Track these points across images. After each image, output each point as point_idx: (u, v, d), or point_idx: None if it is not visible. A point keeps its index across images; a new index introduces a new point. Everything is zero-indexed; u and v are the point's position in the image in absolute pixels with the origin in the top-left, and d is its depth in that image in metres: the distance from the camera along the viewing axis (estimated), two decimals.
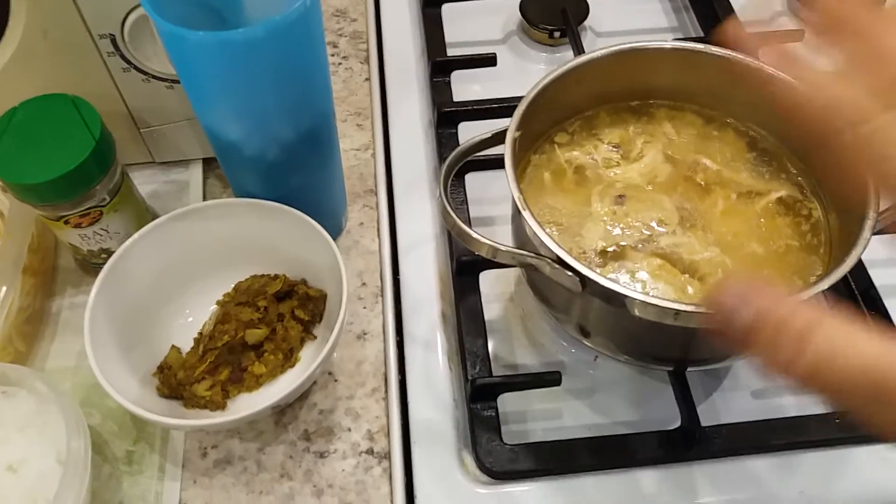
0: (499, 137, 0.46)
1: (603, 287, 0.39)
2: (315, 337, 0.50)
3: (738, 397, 0.50)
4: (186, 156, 0.57)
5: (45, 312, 0.51)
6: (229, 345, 0.47)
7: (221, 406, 0.47)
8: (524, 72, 0.69)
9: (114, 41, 0.47)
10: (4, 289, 0.45)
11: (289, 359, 0.49)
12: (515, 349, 0.52)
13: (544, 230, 0.41)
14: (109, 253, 0.50)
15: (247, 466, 0.46)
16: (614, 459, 0.46)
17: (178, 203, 0.56)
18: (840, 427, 0.46)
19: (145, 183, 0.55)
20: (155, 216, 0.54)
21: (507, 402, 0.48)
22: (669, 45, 0.49)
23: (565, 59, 0.68)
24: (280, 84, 0.42)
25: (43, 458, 0.40)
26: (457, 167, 0.47)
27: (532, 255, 0.42)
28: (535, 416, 0.49)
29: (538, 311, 0.54)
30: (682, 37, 0.70)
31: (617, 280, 0.42)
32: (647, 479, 0.46)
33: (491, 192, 0.58)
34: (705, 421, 0.46)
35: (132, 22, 0.47)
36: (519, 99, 0.60)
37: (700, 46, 0.49)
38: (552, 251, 0.40)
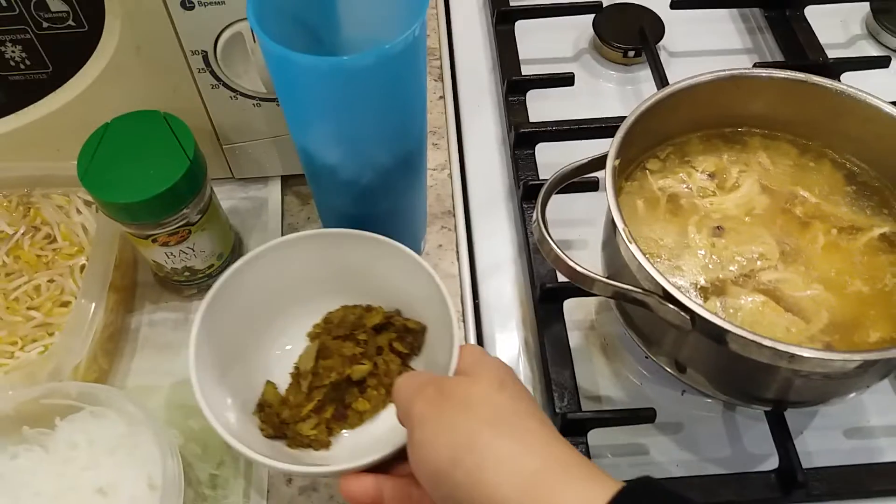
0: (597, 164, 0.45)
1: (714, 325, 0.38)
2: (413, 370, 0.48)
3: (831, 436, 0.48)
4: (266, 173, 0.57)
5: (125, 329, 0.50)
6: (335, 382, 0.46)
7: (326, 445, 0.45)
8: (597, 91, 0.68)
9: (205, 58, 0.47)
10: (93, 306, 0.44)
11: (390, 393, 0.46)
12: (598, 380, 0.51)
13: (653, 265, 0.40)
14: (192, 271, 0.49)
15: (333, 494, 0.45)
16: (712, 499, 0.44)
17: (258, 220, 0.55)
18: None
19: (224, 199, 0.54)
20: (236, 233, 0.53)
21: (593, 435, 0.47)
22: (772, 73, 0.48)
23: (639, 78, 0.68)
24: (382, 111, 0.41)
25: (134, 482, 0.40)
26: (554, 192, 0.46)
27: (637, 290, 0.40)
28: (622, 451, 0.48)
29: (621, 341, 0.53)
30: (758, 59, 0.69)
31: (718, 315, 0.41)
32: None
33: (568, 214, 0.57)
34: (802, 462, 0.44)
35: (226, 39, 0.46)
36: (597, 121, 0.60)
37: (802, 76, 0.48)
38: (660, 286, 0.39)
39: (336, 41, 0.46)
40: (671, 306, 0.39)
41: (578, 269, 0.42)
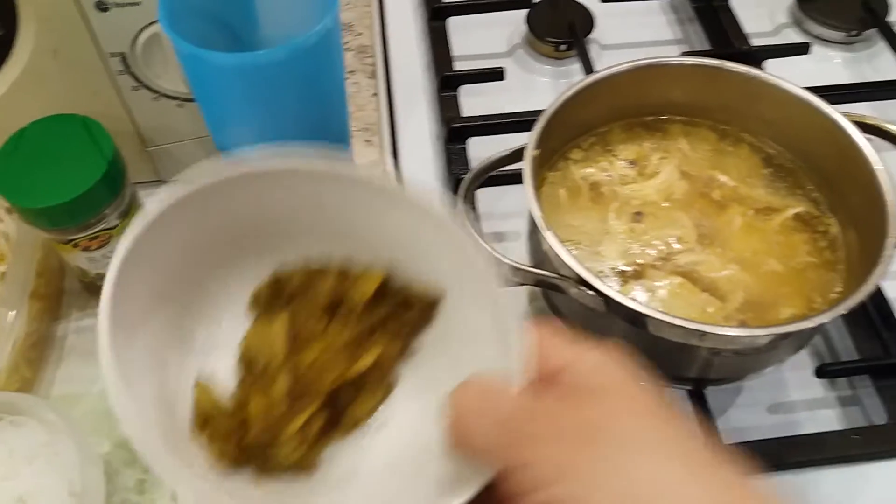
0: (517, 155, 0.46)
1: (628, 308, 0.39)
2: (414, 352, 0.34)
3: (754, 412, 0.49)
4: None
5: (50, 337, 0.50)
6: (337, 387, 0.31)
7: (311, 468, 0.31)
8: (530, 85, 0.68)
9: (124, 60, 0.47)
10: (13, 314, 0.44)
11: (387, 385, 0.33)
12: None
13: (567, 250, 0.40)
14: None
15: None
16: None
17: None
18: (860, 443, 0.46)
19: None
20: None
21: None
22: (686, 60, 0.49)
23: (571, 71, 0.69)
24: (300, 106, 0.41)
25: (55, 491, 0.39)
26: (475, 184, 0.46)
27: (555, 276, 0.41)
28: None
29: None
30: (688, 49, 0.70)
31: (636, 299, 0.42)
32: None
33: (501, 207, 0.58)
34: (723, 437, 0.45)
35: (144, 40, 0.46)
36: (528, 114, 0.61)
37: (716, 62, 0.49)
38: (575, 271, 0.40)
39: (255, 41, 0.46)
40: (586, 290, 0.40)
41: (504, 260, 0.42)
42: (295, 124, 0.43)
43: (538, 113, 0.60)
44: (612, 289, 0.39)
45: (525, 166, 0.44)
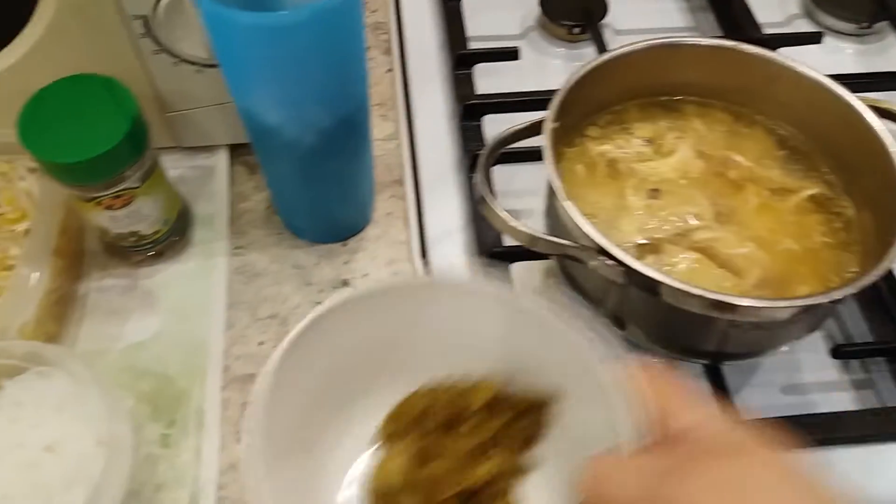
0: (535, 128, 0.47)
1: (646, 277, 0.39)
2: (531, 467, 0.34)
3: (769, 392, 0.50)
4: (212, 141, 0.56)
5: (73, 295, 0.50)
6: (462, 498, 0.32)
7: None
8: (543, 66, 0.69)
9: (146, 23, 0.47)
10: (36, 270, 0.44)
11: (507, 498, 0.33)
12: None
13: (587, 220, 0.41)
14: (139, 236, 0.49)
15: None
16: None
17: (205, 189, 0.55)
18: (875, 423, 0.46)
19: (171, 168, 0.53)
20: (184, 201, 0.53)
21: None
22: (704, 41, 0.50)
23: (584, 55, 0.69)
24: (321, 69, 0.41)
25: (81, 440, 0.40)
26: (494, 156, 0.47)
27: (574, 244, 0.42)
28: None
29: (566, 305, 0.54)
30: (699, 36, 0.70)
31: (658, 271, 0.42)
32: None
33: (516, 184, 0.59)
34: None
35: (166, 3, 0.46)
36: (542, 93, 0.61)
37: (733, 44, 0.49)
38: (594, 241, 0.40)
39: (276, 4, 0.46)
40: (606, 260, 0.40)
41: (519, 226, 0.43)
42: (316, 89, 0.43)
43: (552, 92, 0.60)
44: (629, 257, 0.40)
45: (544, 138, 0.44)
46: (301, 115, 0.44)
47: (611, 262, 0.40)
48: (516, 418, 0.34)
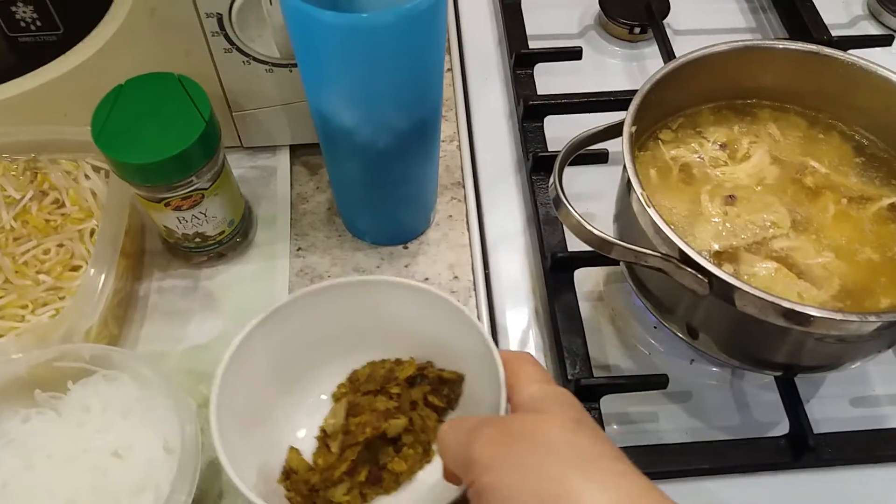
0: (612, 131, 0.46)
1: (735, 287, 0.38)
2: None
3: (837, 404, 0.49)
4: (275, 142, 0.56)
5: (134, 296, 0.50)
6: (370, 439, 0.41)
7: None
8: (602, 67, 0.68)
9: (220, 21, 0.46)
10: (104, 272, 0.43)
11: (426, 453, 0.43)
12: (607, 349, 0.51)
13: (672, 229, 0.40)
14: (203, 237, 0.49)
15: None
16: (722, 464, 0.45)
17: (266, 189, 0.55)
18: None
19: (233, 167, 0.53)
20: (246, 201, 0.53)
21: (606, 404, 0.47)
22: (784, 44, 0.48)
23: (644, 55, 0.68)
24: (401, 73, 0.41)
25: (150, 446, 0.39)
26: (570, 158, 0.46)
27: (657, 254, 0.41)
28: (632, 419, 0.48)
29: (630, 311, 0.53)
30: (761, 38, 0.69)
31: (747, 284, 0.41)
32: (754, 486, 0.45)
33: (572, 188, 0.57)
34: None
35: (241, 2, 0.45)
36: (606, 94, 0.60)
37: (814, 48, 0.48)
38: (679, 250, 0.39)
39: (351, 5, 0.45)
40: (689, 269, 0.39)
41: (598, 233, 0.42)
42: (393, 91, 0.42)
43: (617, 93, 0.60)
44: (716, 267, 0.39)
45: (623, 140, 0.43)
46: (375, 117, 0.43)
47: (693, 270, 0.39)
48: (432, 391, 0.44)
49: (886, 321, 0.38)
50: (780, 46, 0.48)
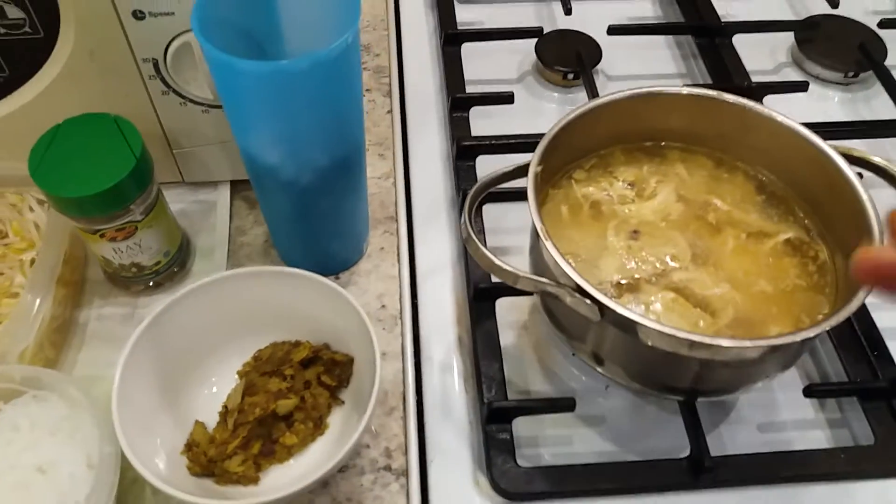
0: (521, 171, 0.49)
1: (621, 316, 0.41)
2: (342, 402, 0.50)
3: (745, 430, 0.51)
4: (215, 177, 0.59)
5: (73, 322, 0.52)
6: (260, 418, 0.46)
7: (255, 480, 0.46)
8: (538, 110, 0.71)
9: (156, 65, 0.50)
10: (39, 298, 0.46)
11: (318, 427, 0.48)
12: (528, 375, 0.54)
13: (566, 260, 0.43)
14: (139, 267, 0.51)
15: None
16: (626, 485, 0.47)
17: (206, 222, 0.58)
18: (846, 461, 0.47)
19: (174, 202, 0.56)
20: (184, 234, 0.56)
21: (521, 427, 0.50)
22: (685, 90, 0.52)
23: (577, 99, 0.72)
24: (320, 113, 0.44)
25: (73, 462, 0.41)
26: (480, 197, 0.49)
27: (552, 283, 0.43)
28: (546, 442, 0.50)
29: (551, 340, 0.56)
30: (690, 83, 0.73)
31: (631, 311, 0.44)
32: None
33: (506, 222, 0.60)
34: (713, 451, 0.47)
35: (175, 48, 0.49)
36: (534, 136, 0.63)
37: (713, 93, 0.51)
38: (573, 280, 0.42)
39: (279, 52, 0.49)
40: (582, 298, 0.42)
41: (501, 265, 0.44)
42: (314, 132, 0.45)
43: (542, 136, 0.63)
44: (603, 296, 0.42)
45: (528, 180, 0.46)
46: (298, 156, 0.46)
47: (587, 300, 0.42)
48: (325, 372, 0.49)
49: (758, 345, 0.41)
50: (681, 92, 0.52)
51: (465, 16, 0.77)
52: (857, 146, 0.49)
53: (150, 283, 0.54)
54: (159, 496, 0.45)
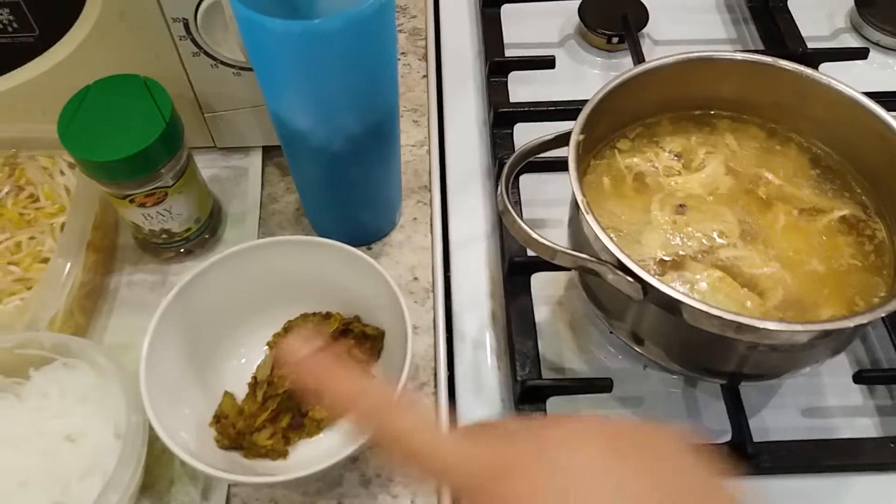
0: (562, 139, 0.46)
1: (665, 295, 0.39)
2: (374, 376, 0.48)
3: (788, 415, 0.49)
4: (247, 143, 0.58)
5: (103, 288, 0.52)
6: (290, 391, 0.46)
7: (283, 454, 0.45)
8: (580, 76, 0.69)
9: (186, 25, 0.48)
10: (70, 263, 0.45)
11: None
12: (563, 353, 0.52)
13: (607, 234, 0.41)
14: (170, 234, 0.51)
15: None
16: None
17: (238, 188, 0.57)
18: (894, 451, 0.45)
19: (206, 167, 0.55)
20: (216, 200, 0.55)
21: (554, 406, 0.48)
22: (738, 56, 0.49)
23: (622, 65, 0.69)
24: (352, 76, 0.42)
25: (101, 431, 0.41)
26: (518, 167, 0.47)
27: (593, 259, 0.41)
28: None
29: (588, 317, 0.54)
30: (741, 49, 0.69)
31: (672, 286, 0.42)
32: None
33: (543, 194, 0.59)
34: (756, 437, 0.45)
35: (205, 7, 0.47)
36: (576, 103, 0.61)
37: (768, 59, 0.49)
38: (614, 256, 0.40)
39: (312, 12, 0.47)
40: (624, 276, 0.40)
41: (539, 238, 0.43)
42: (346, 96, 0.43)
43: (584, 102, 0.61)
44: (647, 274, 0.40)
45: (569, 150, 0.44)
46: (329, 121, 0.45)
47: (630, 278, 0.40)
48: (356, 345, 0.48)
49: (811, 330, 0.39)
50: (734, 58, 0.49)
51: None
52: None
53: (181, 250, 0.53)
54: (188, 466, 0.45)
